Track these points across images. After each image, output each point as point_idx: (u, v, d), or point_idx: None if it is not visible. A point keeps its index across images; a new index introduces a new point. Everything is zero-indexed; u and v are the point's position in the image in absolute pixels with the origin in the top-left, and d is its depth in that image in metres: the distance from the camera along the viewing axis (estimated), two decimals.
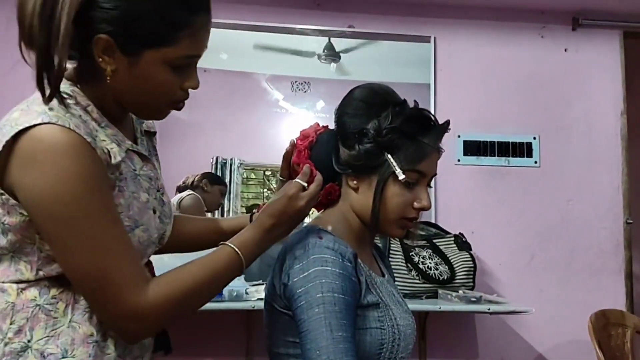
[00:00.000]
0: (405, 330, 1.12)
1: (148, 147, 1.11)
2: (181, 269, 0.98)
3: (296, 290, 1.03)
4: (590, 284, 2.82)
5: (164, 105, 1.01)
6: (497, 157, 2.84)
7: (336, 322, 0.98)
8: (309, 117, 2.86)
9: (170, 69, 0.94)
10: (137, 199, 0.97)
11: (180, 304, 0.94)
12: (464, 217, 2.73)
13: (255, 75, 2.86)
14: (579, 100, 2.93)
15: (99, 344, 0.94)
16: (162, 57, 0.93)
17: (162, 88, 0.97)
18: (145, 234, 0.99)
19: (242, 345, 2.57)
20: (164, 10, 0.90)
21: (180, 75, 0.97)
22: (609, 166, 2.90)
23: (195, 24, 0.94)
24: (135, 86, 0.96)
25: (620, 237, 2.86)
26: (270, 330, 1.14)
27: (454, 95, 2.85)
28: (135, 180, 0.98)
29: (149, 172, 1.03)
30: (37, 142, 0.85)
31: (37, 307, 0.92)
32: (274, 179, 2.94)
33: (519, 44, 2.93)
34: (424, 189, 1.13)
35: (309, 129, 1.22)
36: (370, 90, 1.15)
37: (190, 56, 0.96)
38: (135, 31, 0.90)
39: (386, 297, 1.13)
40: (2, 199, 0.89)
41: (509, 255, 2.80)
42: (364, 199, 1.13)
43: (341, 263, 1.03)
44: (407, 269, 2.33)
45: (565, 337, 2.77)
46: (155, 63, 0.93)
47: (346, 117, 1.14)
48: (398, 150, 1.08)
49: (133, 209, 0.96)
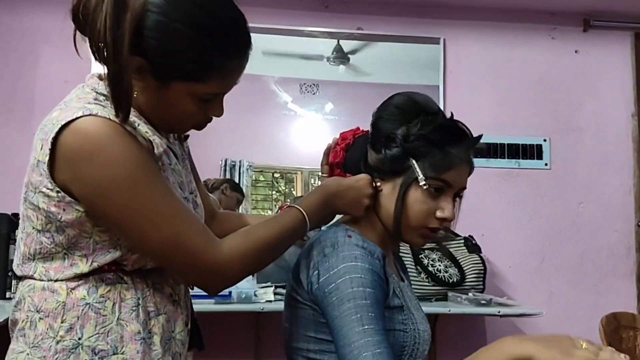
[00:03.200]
0: (423, 335, 1.13)
1: (180, 150, 1.14)
2: (252, 228, 1.03)
3: (327, 287, 1.03)
4: (601, 287, 2.80)
5: (186, 127, 1.06)
6: (507, 159, 2.82)
7: (367, 315, 0.99)
8: (318, 119, 2.86)
9: (196, 100, 0.97)
10: (176, 190, 1.00)
11: (253, 258, 0.99)
12: (473, 219, 2.71)
13: (264, 77, 2.87)
14: (590, 102, 2.91)
15: (146, 341, 0.98)
16: (190, 90, 0.95)
17: (185, 115, 1.00)
18: None
19: (250, 347, 2.57)
20: (200, 51, 0.93)
21: (207, 106, 1.00)
22: (620, 168, 2.88)
23: (229, 67, 0.97)
24: (160, 107, 0.99)
25: (631, 239, 2.84)
26: (291, 325, 1.14)
27: (464, 97, 2.84)
28: (173, 174, 1.02)
29: (180, 171, 1.06)
30: (82, 135, 0.88)
31: (87, 306, 0.95)
32: (283, 181, 2.95)
33: (529, 45, 2.92)
34: (449, 200, 1.12)
35: (349, 132, 1.24)
36: (408, 98, 1.15)
37: (216, 94, 0.99)
38: (168, 63, 0.93)
39: (408, 301, 1.14)
40: (58, 197, 0.91)
41: (519, 258, 2.79)
42: (385, 202, 1.13)
43: (370, 259, 1.05)
44: (417, 272, 2.32)
45: None
46: (183, 94, 0.96)
47: (380, 121, 1.15)
48: (423, 158, 1.08)
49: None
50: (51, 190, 0.91)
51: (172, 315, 1.03)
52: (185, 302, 1.08)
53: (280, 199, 2.93)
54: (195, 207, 1.10)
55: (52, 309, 0.95)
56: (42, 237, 0.96)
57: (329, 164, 1.23)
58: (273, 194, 2.95)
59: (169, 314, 1.02)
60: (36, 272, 0.97)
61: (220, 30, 0.94)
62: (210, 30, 0.93)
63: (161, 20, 0.90)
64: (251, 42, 1.00)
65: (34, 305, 0.96)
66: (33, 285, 0.97)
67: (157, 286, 1.02)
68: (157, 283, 1.02)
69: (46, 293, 0.95)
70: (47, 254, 0.96)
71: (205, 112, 1.02)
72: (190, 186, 1.10)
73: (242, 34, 0.99)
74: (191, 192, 1.10)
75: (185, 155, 1.17)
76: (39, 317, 0.95)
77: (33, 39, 1.27)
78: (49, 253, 0.96)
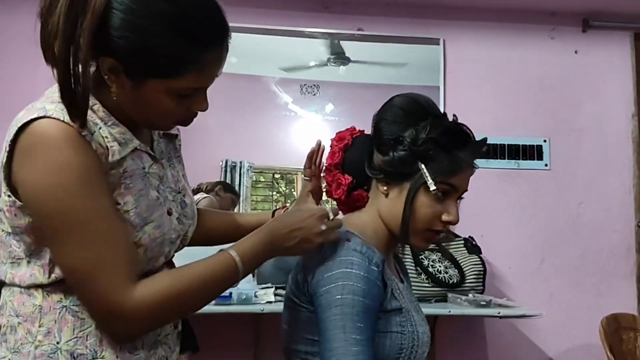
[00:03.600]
0: (422, 337, 1.13)
1: (167, 148, 1.11)
2: (175, 271, 0.97)
3: (319, 289, 1.04)
4: (601, 288, 2.80)
5: (169, 123, 1.02)
6: (507, 159, 2.82)
7: (351, 324, 0.99)
8: (318, 120, 2.86)
9: (175, 97, 0.93)
10: (145, 196, 0.96)
11: (167, 307, 0.92)
12: (473, 220, 2.71)
13: (264, 78, 2.87)
14: (590, 102, 2.91)
15: (127, 345, 0.94)
16: (166, 86, 0.91)
17: (165, 112, 0.95)
18: (158, 231, 0.97)
19: (250, 348, 2.57)
20: (171, 46, 0.87)
21: (187, 101, 0.95)
22: (620, 169, 2.88)
23: (205, 59, 0.91)
24: (138, 106, 0.94)
25: (631, 240, 2.84)
26: (289, 327, 1.14)
27: (464, 98, 2.84)
28: (145, 178, 0.97)
29: (157, 171, 1.02)
30: (33, 135, 0.86)
31: (64, 309, 0.92)
32: (283, 182, 2.95)
33: (529, 46, 2.92)
34: (454, 203, 1.12)
35: (345, 131, 1.23)
36: (411, 100, 1.15)
37: (195, 88, 0.94)
38: (140, 62, 0.88)
39: (407, 303, 1.14)
40: (9, 201, 0.89)
41: (519, 259, 2.78)
42: (392, 206, 1.13)
43: (367, 266, 1.04)
44: (417, 273, 2.32)
45: (576, 342, 2.75)
46: (159, 91, 0.91)
47: (384, 123, 1.14)
48: (432, 162, 1.08)
49: (141, 206, 0.95)
50: (4, 194, 0.89)
51: None
52: None
53: (280, 200, 2.93)
54: (183, 206, 1.07)
55: (30, 312, 0.92)
56: (11, 240, 0.94)
57: (323, 164, 1.22)
58: (273, 195, 2.95)
59: None
60: (6, 277, 0.95)
61: (190, 21, 0.88)
62: (179, 22, 0.87)
63: (126, 18, 0.85)
64: (228, 30, 0.94)
65: (14, 309, 0.94)
66: (13, 289, 0.95)
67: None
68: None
69: (24, 297, 0.93)
70: (15, 258, 0.94)
71: (188, 107, 0.96)
72: (178, 185, 1.08)
73: (216, 21, 0.92)
74: (179, 190, 1.08)
75: (174, 153, 1.14)
76: (18, 322, 0.93)
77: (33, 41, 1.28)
78: (17, 258, 0.94)
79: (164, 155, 1.08)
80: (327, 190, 1.23)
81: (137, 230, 0.94)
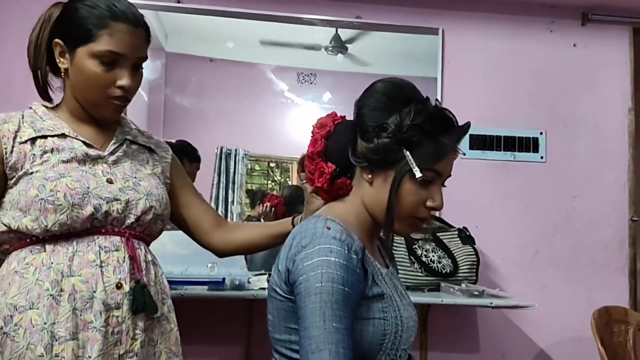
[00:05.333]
0: (407, 322, 1.12)
1: (125, 151, 1.37)
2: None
3: (298, 278, 1.03)
4: (594, 281, 2.81)
5: (101, 98, 1.28)
6: (503, 151, 2.83)
7: (331, 312, 0.99)
8: (315, 109, 2.85)
9: (98, 63, 1.24)
10: (67, 163, 1.25)
11: None
12: (468, 211, 2.72)
13: (260, 65, 2.85)
14: (587, 96, 2.91)
15: (55, 298, 1.17)
16: (89, 51, 1.24)
17: (93, 80, 1.26)
18: (77, 184, 1.23)
19: (243, 334, 2.57)
20: (91, 15, 1.24)
21: (112, 72, 1.26)
22: (616, 163, 2.88)
23: (114, 27, 1.24)
24: (77, 81, 1.28)
25: (625, 234, 2.85)
26: (273, 317, 1.14)
27: (462, 89, 2.84)
28: (71, 152, 1.27)
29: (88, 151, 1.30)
30: None
31: (15, 273, 1.20)
32: (278, 171, 2.94)
33: (528, 38, 2.91)
34: (438, 189, 1.12)
35: (326, 118, 1.21)
36: (393, 85, 1.13)
37: (111, 51, 1.24)
38: (71, 32, 1.26)
39: (391, 288, 1.13)
40: None
41: (513, 250, 2.79)
42: (376, 194, 1.12)
43: (346, 254, 1.03)
44: (410, 262, 2.32)
45: (568, 333, 2.76)
46: (85, 57, 1.25)
47: (367, 110, 1.12)
48: (417, 148, 1.07)
49: (58, 166, 1.24)
50: None
51: (91, 277, 1.20)
52: (119, 269, 1.23)
53: (275, 189, 2.92)
54: (136, 185, 1.32)
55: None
56: None
57: (309, 153, 1.19)
58: (268, 184, 2.94)
59: (87, 276, 1.20)
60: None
61: (108, 2, 1.25)
62: (101, 3, 1.25)
63: (69, 7, 1.28)
64: (140, 23, 1.28)
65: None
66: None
67: (79, 253, 1.21)
68: (80, 250, 1.21)
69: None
70: None
71: (114, 80, 1.26)
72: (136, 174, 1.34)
73: (131, 12, 1.27)
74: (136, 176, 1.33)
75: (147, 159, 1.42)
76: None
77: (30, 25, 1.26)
78: None
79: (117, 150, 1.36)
80: (309, 179, 1.21)
81: (51, 180, 1.21)
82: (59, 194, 1.20)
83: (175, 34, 2.79)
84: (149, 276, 1.29)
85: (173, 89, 2.75)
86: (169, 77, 2.76)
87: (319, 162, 1.17)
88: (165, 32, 2.76)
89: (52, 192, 1.20)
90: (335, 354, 0.96)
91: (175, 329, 1.34)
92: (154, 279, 1.31)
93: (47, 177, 1.21)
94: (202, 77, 2.82)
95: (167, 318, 1.32)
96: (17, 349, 1.14)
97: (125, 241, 1.26)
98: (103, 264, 1.22)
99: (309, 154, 1.19)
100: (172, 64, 2.78)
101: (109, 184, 1.27)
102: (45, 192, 1.20)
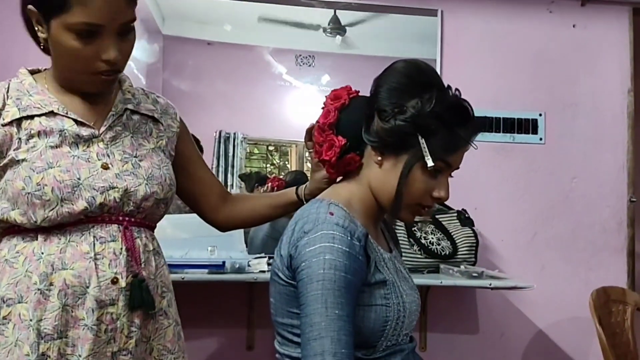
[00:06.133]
0: (410, 307, 1.12)
1: (124, 124, 1.24)
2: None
3: (300, 264, 1.03)
4: (592, 262, 2.82)
5: (85, 73, 1.14)
6: (502, 133, 2.82)
7: (333, 299, 0.98)
8: (314, 91, 2.84)
9: (75, 36, 1.09)
10: (55, 148, 1.13)
11: None
12: (467, 193, 2.71)
13: (258, 48, 2.83)
14: (586, 77, 2.90)
15: (42, 292, 1.09)
16: (62, 23, 1.08)
17: (74, 54, 1.11)
18: (66, 175, 1.11)
19: (243, 317, 2.58)
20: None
21: (92, 45, 1.10)
22: (614, 144, 2.88)
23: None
24: (57, 54, 1.14)
25: (623, 215, 2.85)
26: (275, 300, 1.14)
27: (460, 71, 2.82)
28: (61, 134, 1.14)
29: (79, 131, 1.17)
30: None
31: (5, 262, 1.13)
32: (277, 154, 2.94)
33: (527, 19, 2.89)
34: (446, 180, 1.11)
35: (341, 90, 1.17)
36: (416, 67, 1.11)
37: (87, 23, 1.07)
38: (42, 2, 1.09)
39: (394, 274, 1.13)
40: None
41: (512, 232, 2.80)
42: (384, 177, 1.11)
43: (349, 241, 1.03)
44: (410, 244, 2.33)
45: (566, 314, 2.78)
46: (60, 30, 1.09)
47: (386, 88, 1.09)
48: (432, 137, 1.06)
49: (47, 152, 1.12)
50: None
51: (84, 271, 1.11)
52: (116, 262, 1.14)
53: (274, 172, 2.92)
54: (136, 167, 1.20)
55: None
56: None
57: (319, 124, 1.16)
58: (267, 167, 2.94)
59: (79, 270, 1.11)
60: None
61: None
62: None
63: None
64: None
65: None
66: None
67: (72, 243, 1.12)
68: (73, 240, 1.12)
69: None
70: None
71: (97, 53, 1.11)
72: (136, 151, 1.22)
73: None
74: (136, 155, 1.22)
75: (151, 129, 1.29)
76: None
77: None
78: None
79: (117, 123, 1.23)
80: (316, 151, 1.18)
81: (38, 172, 1.10)
82: (46, 188, 1.09)
83: (173, 16, 2.77)
84: (149, 269, 1.20)
85: (171, 72, 2.74)
86: (166, 61, 2.74)
87: (329, 135, 1.14)
88: (163, 15, 2.74)
89: (39, 185, 1.10)
90: (337, 341, 0.96)
91: (174, 325, 1.25)
92: (154, 271, 1.21)
93: (34, 168, 1.10)
94: (199, 60, 2.80)
95: (165, 313, 1.23)
96: (6, 344, 1.08)
97: (122, 230, 1.16)
98: (98, 256, 1.12)
99: (319, 125, 1.16)
100: (170, 47, 2.76)
101: (104, 170, 1.15)
102: (32, 185, 1.10)
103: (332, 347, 0.96)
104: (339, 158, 1.14)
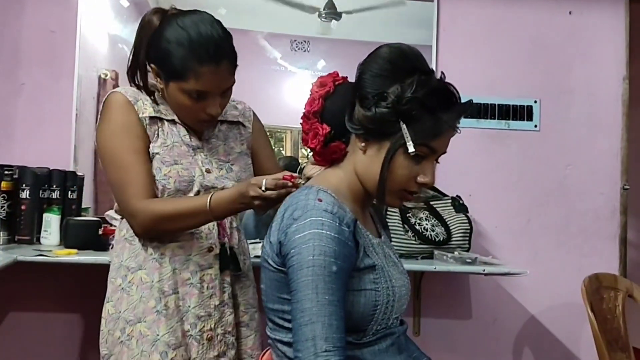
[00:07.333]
0: (400, 291, 1.13)
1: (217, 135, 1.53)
2: (170, 199, 1.40)
3: (290, 250, 1.03)
4: (585, 249, 2.84)
5: (192, 120, 1.44)
6: (497, 120, 2.82)
7: (323, 285, 0.99)
8: (309, 76, 2.83)
9: (188, 97, 1.36)
10: (178, 147, 1.43)
11: (155, 220, 1.34)
12: (461, 179, 2.73)
13: (253, 33, 2.82)
14: (582, 64, 2.90)
15: (157, 260, 1.41)
16: (179, 87, 1.36)
17: (186, 109, 1.40)
18: (185, 172, 1.42)
19: None
20: (180, 58, 1.32)
21: (201, 102, 1.37)
22: (609, 132, 2.89)
23: (199, 70, 1.32)
24: (171, 103, 1.43)
25: (616, 202, 2.87)
26: (266, 286, 1.15)
27: (456, 57, 2.81)
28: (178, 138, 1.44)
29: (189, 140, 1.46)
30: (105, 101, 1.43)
31: (125, 240, 1.45)
32: (272, 140, 2.92)
33: (523, 5, 2.88)
34: (431, 165, 1.10)
35: (327, 77, 1.17)
36: (399, 52, 1.09)
37: (199, 91, 1.35)
38: (163, 67, 1.37)
39: (382, 259, 1.13)
40: None
41: (506, 218, 2.81)
42: (369, 163, 1.11)
43: (338, 227, 1.03)
44: (404, 230, 2.34)
45: (559, 300, 2.80)
46: (177, 91, 1.37)
47: (368, 75, 1.09)
48: (415, 122, 1.05)
49: (174, 150, 1.42)
50: None
51: (187, 243, 1.43)
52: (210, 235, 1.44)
53: None
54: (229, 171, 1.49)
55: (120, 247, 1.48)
56: None
57: (305, 112, 1.17)
58: None
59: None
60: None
61: (194, 43, 1.31)
62: (186, 44, 1.32)
63: (157, 37, 1.36)
64: (223, 53, 1.34)
65: None
66: None
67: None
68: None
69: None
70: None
71: (203, 108, 1.38)
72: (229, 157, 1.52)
73: (213, 46, 1.32)
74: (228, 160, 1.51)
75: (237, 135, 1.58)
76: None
77: None
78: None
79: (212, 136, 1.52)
80: (303, 139, 1.19)
81: (167, 166, 1.40)
82: (170, 179, 1.40)
83: (167, 0, 2.75)
84: (233, 240, 1.51)
85: None
86: None
87: (314, 123, 1.15)
88: (157, 0, 2.72)
89: (165, 176, 1.39)
90: (328, 326, 0.97)
91: (253, 285, 1.58)
92: (237, 242, 1.52)
93: (164, 161, 1.40)
94: None
95: (246, 275, 1.55)
96: (132, 301, 1.40)
97: None
98: (197, 231, 1.43)
99: (305, 113, 1.17)
100: None
101: (207, 174, 1.45)
102: (160, 174, 1.39)
103: (323, 331, 0.96)
104: (324, 146, 1.15)
